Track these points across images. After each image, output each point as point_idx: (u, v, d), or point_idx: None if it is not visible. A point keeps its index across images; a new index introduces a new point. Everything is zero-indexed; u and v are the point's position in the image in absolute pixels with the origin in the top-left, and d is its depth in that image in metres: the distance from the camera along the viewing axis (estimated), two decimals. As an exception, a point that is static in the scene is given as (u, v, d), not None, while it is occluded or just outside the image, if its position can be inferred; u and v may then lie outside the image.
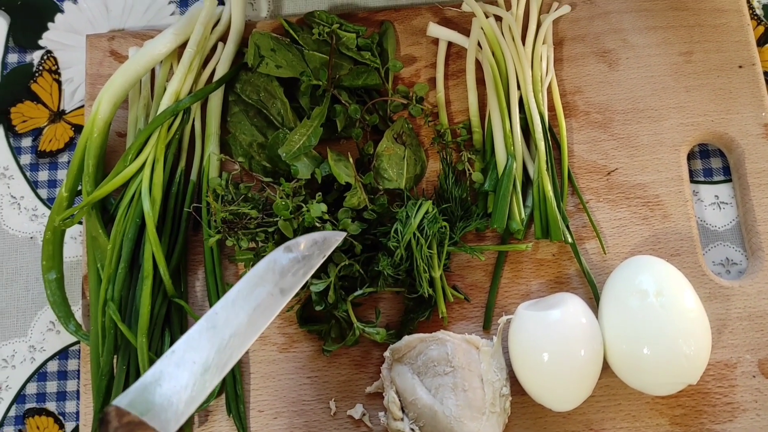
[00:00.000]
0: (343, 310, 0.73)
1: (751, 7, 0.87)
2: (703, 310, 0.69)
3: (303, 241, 0.67)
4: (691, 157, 0.82)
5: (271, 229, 0.73)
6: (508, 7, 0.84)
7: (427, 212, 0.73)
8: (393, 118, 0.83)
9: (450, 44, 0.85)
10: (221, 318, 0.61)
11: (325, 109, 0.78)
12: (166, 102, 0.79)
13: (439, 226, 0.73)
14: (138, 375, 0.72)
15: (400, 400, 0.70)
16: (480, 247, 0.77)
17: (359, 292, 0.73)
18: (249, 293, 0.63)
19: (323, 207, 0.72)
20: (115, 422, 0.54)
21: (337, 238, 0.69)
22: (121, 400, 0.56)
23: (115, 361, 0.74)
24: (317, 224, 0.72)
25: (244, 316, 0.62)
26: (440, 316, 0.75)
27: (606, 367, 0.71)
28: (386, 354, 0.73)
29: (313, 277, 0.73)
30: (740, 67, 0.82)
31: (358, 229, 0.73)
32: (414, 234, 0.72)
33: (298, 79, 0.80)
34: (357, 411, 0.74)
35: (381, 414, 0.73)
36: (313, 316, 0.77)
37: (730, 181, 0.82)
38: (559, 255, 0.78)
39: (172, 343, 0.75)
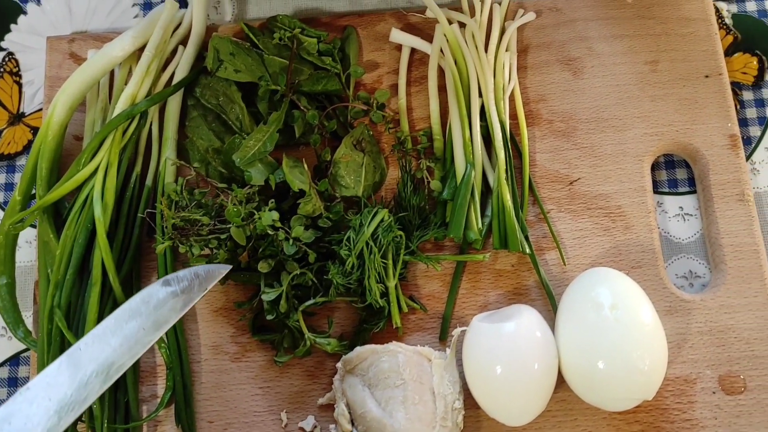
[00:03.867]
0: (295, 319, 0.72)
1: (720, 17, 0.86)
2: (660, 324, 0.68)
3: (183, 274, 0.66)
4: (656, 167, 0.81)
5: (223, 236, 0.72)
6: (473, 14, 0.83)
7: (382, 220, 0.72)
8: (354, 124, 0.81)
9: (413, 50, 0.84)
10: (85, 355, 0.60)
11: (283, 114, 0.76)
12: (121, 105, 0.78)
13: (393, 235, 0.71)
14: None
15: (350, 412, 0.69)
16: (437, 256, 0.75)
17: (311, 301, 0.72)
18: (118, 328, 0.62)
19: (275, 215, 0.70)
20: None
21: (221, 271, 0.68)
22: None
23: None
24: (269, 231, 0.71)
25: (109, 352, 0.61)
26: (394, 327, 0.73)
27: (562, 381, 0.69)
28: (338, 365, 0.72)
29: (266, 285, 0.72)
30: (707, 76, 0.81)
31: (311, 237, 0.72)
32: (367, 243, 0.70)
33: (257, 84, 0.79)
34: (308, 423, 0.73)
35: (332, 426, 0.71)
36: (266, 325, 0.76)
37: (694, 192, 0.80)
38: (519, 266, 0.76)
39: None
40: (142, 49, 0.82)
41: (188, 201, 0.73)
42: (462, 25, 0.82)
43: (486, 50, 0.80)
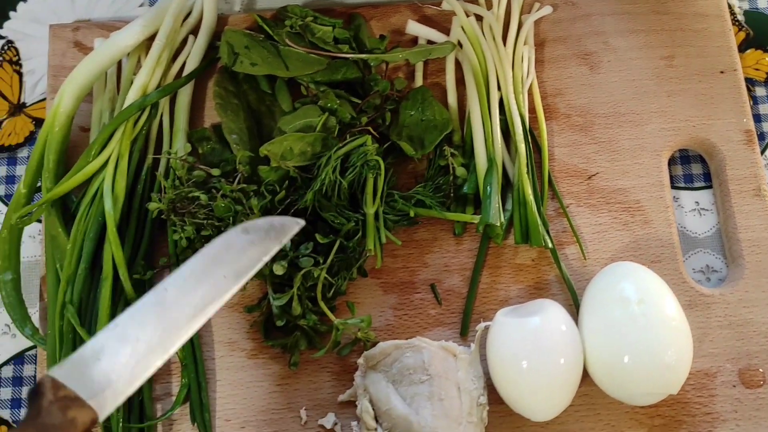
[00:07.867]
0: (314, 320, 0.70)
1: (732, 13, 0.86)
2: (685, 318, 0.68)
3: (261, 224, 0.64)
4: (671, 162, 0.81)
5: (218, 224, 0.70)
6: (489, 7, 0.82)
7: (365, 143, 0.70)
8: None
9: (429, 43, 0.83)
10: (171, 295, 0.57)
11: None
12: (132, 96, 0.75)
13: (366, 160, 0.70)
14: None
15: (373, 409, 0.68)
16: (418, 210, 0.74)
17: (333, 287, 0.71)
18: (202, 273, 0.59)
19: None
20: (50, 395, 0.49)
21: (294, 225, 0.65)
22: (58, 371, 0.51)
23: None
24: None
25: (196, 297, 0.58)
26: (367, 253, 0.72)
27: (585, 375, 0.69)
28: (360, 361, 0.70)
29: (276, 291, 0.70)
30: (722, 72, 0.81)
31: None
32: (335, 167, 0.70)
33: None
34: (329, 420, 0.71)
35: (354, 423, 0.70)
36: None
37: (710, 187, 0.80)
38: (539, 260, 0.76)
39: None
40: (151, 39, 0.79)
41: (186, 179, 0.72)
42: (479, 18, 0.81)
43: (504, 43, 0.80)
